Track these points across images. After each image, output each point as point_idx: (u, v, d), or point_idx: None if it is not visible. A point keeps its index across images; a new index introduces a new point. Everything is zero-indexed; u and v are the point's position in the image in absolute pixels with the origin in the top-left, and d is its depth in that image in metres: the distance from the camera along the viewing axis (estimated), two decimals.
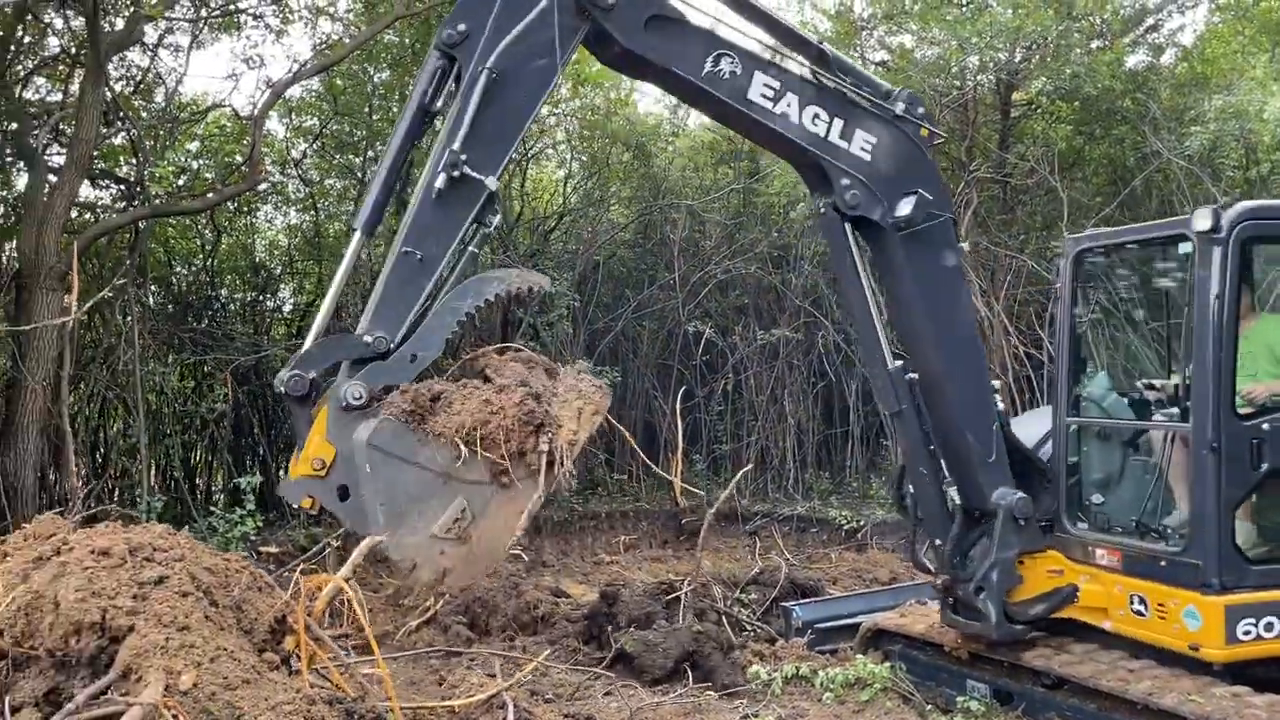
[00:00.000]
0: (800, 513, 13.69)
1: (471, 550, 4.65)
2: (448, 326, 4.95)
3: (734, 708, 6.80)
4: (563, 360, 15.22)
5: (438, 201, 4.97)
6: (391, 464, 4.54)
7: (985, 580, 6.14)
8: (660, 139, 16.51)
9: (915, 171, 6.06)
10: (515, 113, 5.23)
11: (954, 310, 6.27)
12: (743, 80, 5.65)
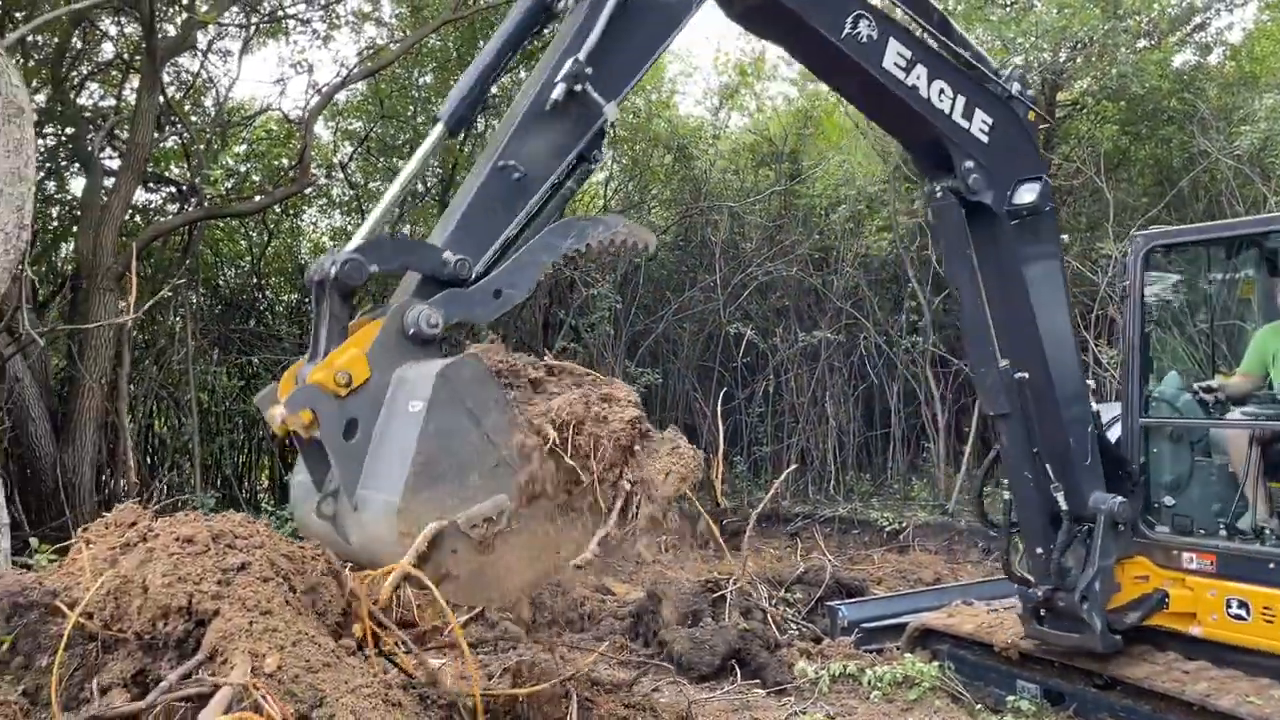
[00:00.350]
0: (841, 514, 13.66)
1: (486, 566, 3.60)
2: (541, 266, 4.16)
3: (782, 705, 6.82)
4: (604, 362, 15.46)
5: (550, 115, 4.21)
6: (455, 411, 3.57)
7: (1089, 589, 5.87)
8: (701, 141, 16.55)
9: (1027, 156, 5.77)
10: (650, 36, 4.55)
11: (1058, 304, 5.96)
12: (879, 45, 5.14)
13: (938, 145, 5.60)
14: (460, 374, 3.62)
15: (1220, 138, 12.27)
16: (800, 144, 16.42)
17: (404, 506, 3.46)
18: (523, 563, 3.71)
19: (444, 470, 3.56)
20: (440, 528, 3.55)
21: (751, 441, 16.10)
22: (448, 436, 3.57)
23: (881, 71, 5.18)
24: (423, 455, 3.50)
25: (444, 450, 3.56)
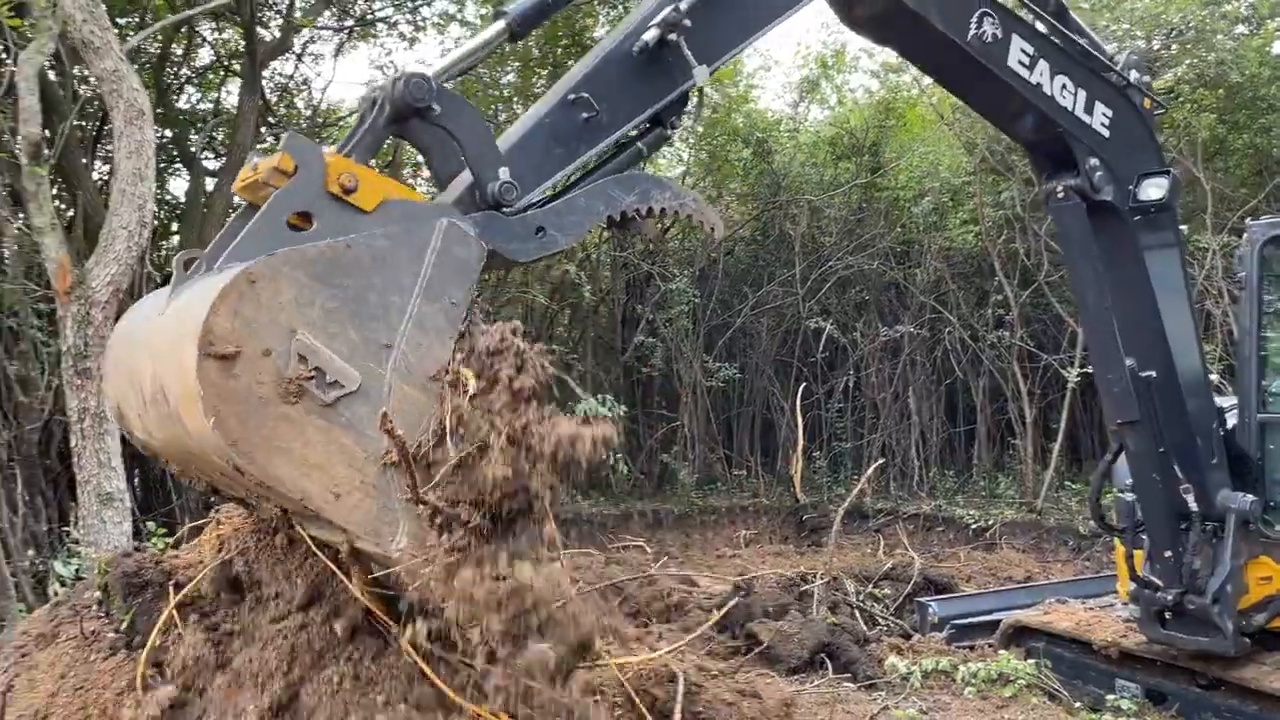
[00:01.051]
0: (925, 511, 13.53)
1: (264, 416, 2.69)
2: (596, 215, 3.66)
3: (873, 699, 6.81)
4: (681, 356, 15.54)
5: (636, 60, 3.77)
6: (410, 261, 2.98)
7: (1221, 592, 5.67)
8: (780, 134, 16.49)
9: (1147, 149, 5.53)
10: (758, 13, 4.19)
11: (1179, 300, 5.78)
12: (1004, 44, 4.88)
13: (1060, 143, 5.36)
14: (450, 235, 3.07)
15: None
16: (881, 136, 16.27)
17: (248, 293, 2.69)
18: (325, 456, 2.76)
19: (366, 311, 2.87)
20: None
21: (831, 437, 16.03)
22: (390, 279, 2.93)
23: (1006, 71, 4.93)
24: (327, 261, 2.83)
25: (376, 295, 2.89)
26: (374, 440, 2.77)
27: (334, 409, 2.75)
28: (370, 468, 2.76)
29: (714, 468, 16.09)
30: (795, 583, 8.86)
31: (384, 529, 2.77)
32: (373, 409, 2.79)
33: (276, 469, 2.66)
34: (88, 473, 6.23)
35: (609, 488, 15.18)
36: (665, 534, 13.94)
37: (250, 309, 2.68)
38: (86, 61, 6.74)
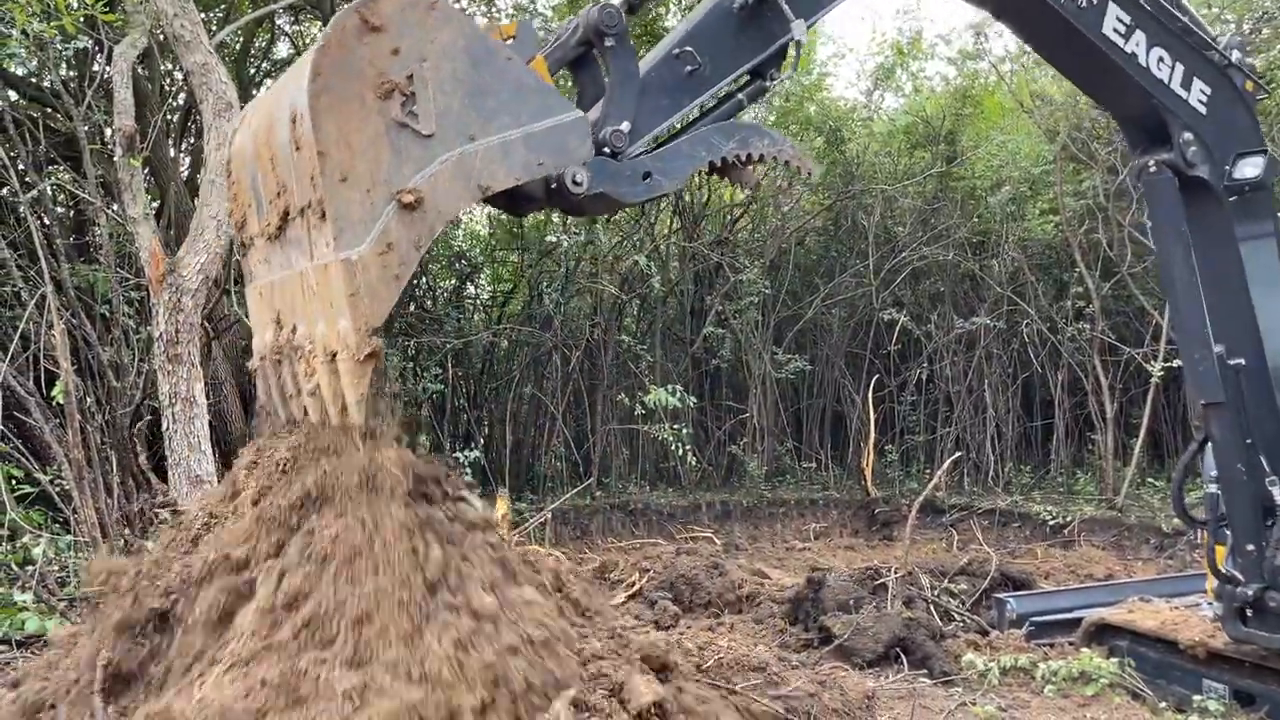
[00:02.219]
0: (1001, 507, 13.28)
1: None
2: (698, 160, 4.00)
3: (950, 695, 6.73)
4: (750, 348, 15.46)
5: (737, 16, 4.09)
6: (533, 111, 3.36)
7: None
8: (853, 124, 16.28)
9: (1246, 129, 5.50)
10: None
11: (1275, 286, 5.61)
12: (1100, 9, 5.00)
13: (1154, 116, 5.37)
14: (575, 134, 3.46)
15: None
16: (958, 125, 15.96)
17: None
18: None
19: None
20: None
21: (903, 430, 15.82)
22: (514, 97, 3.32)
23: (1101, 38, 4.99)
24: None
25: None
26: (404, 174, 3.07)
27: (396, 129, 3.08)
28: (380, 183, 3.04)
29: (783, 460, 16.00)
30: (868, 576, 8.76)
31: (356, 228, 3.00)
32: (422, 156, 3.12)
33: (324, 123, 2.97)
34: (179, 455, 6.43)
35: (677, 479, 15.20)
36: (733, 526, 13.92)
37: (415, 15, 3.11)
38: (178, 55, 6.93)
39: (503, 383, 15.07)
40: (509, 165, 3.28)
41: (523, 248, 15.09)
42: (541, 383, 14.73)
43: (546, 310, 14.66)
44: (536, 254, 14.91)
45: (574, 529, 12.74)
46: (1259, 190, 5.47)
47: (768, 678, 4.46)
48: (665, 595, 9.28)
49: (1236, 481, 5.72)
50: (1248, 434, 5.61)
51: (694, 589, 9.41)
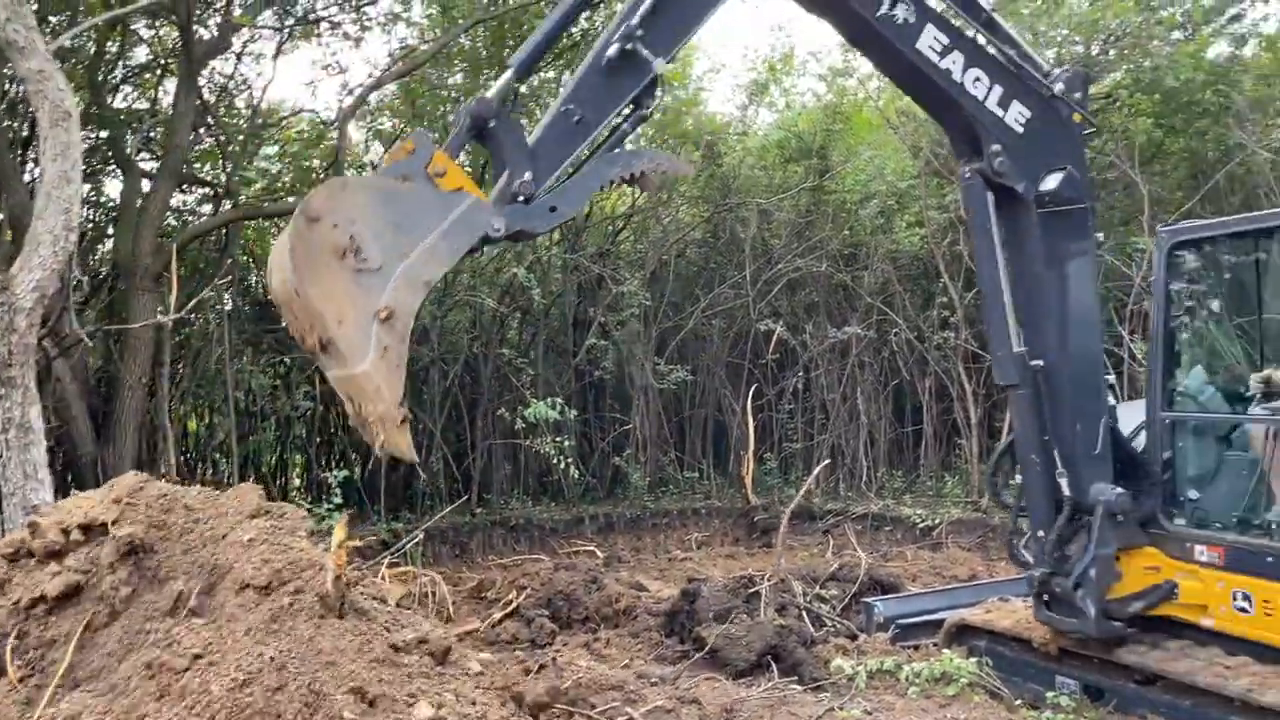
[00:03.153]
0: (874, 511, 13.62)
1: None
2: (590, 189, 5.16)
3: (819, 700, 6.81)
4: (633, 359, 15.51)
5: (606, 70, 5.07)
6: (440, 217, 4.68)
7: (1083, 577, 6.08)
8: (729, 138, 16.53)
9: (1064, 151, 6.04)
10: (696, 6, 5.37)
11: (1081, 296, 6.14)
12: (915, 28, 5.69)
13: (970, 129, 5.96)
14: (473, 215, 4.73)
15: (1256, 130, 12.13)
16: (829, 140, 16.37)
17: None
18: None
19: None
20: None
21: (782, 439, 16.09)
22: (422, 214, 4.64)
23: (915, 52, 5.69)
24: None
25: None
26: (374, 300, 4.39)
27: (358, 274, 4.41)
28: (365, 315, 4.37)
29: (666, 470, 16.08)
30: (743, 585, 8.84)
31: (359, 353, 4.36)
32: (380, 284, 4.45)
33: (310, 291, 4.31)
34: (14, 484, 6.04)
35: (560, 493, 15.11)
36: (617, 537, 13.90)
37: (336, 196, 4.46)
38: (11, 61, 6.55)
39: None
40: (438, 260, 4.66)
41: None
42: (419, 398, 14.44)
43: (423, 323, 14.40)
44: None
45: (453, 547, 12.52)
46: (1073, 207, 5.97)
47: (625, 696, 4.43)
48: (542, 612, 9.18)
49: (1032, 472, 6.30)
50: (1045, 430, 6.12)
51: (572, 605, 9.34)
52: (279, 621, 3.22)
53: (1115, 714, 6.24)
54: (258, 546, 3.54)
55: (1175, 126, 13.64)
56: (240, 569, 3.44)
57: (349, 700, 3.02)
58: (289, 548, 3.57)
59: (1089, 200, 6.15)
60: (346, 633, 3.28)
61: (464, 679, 3.40)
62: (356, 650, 3.19)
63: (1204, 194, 13.11)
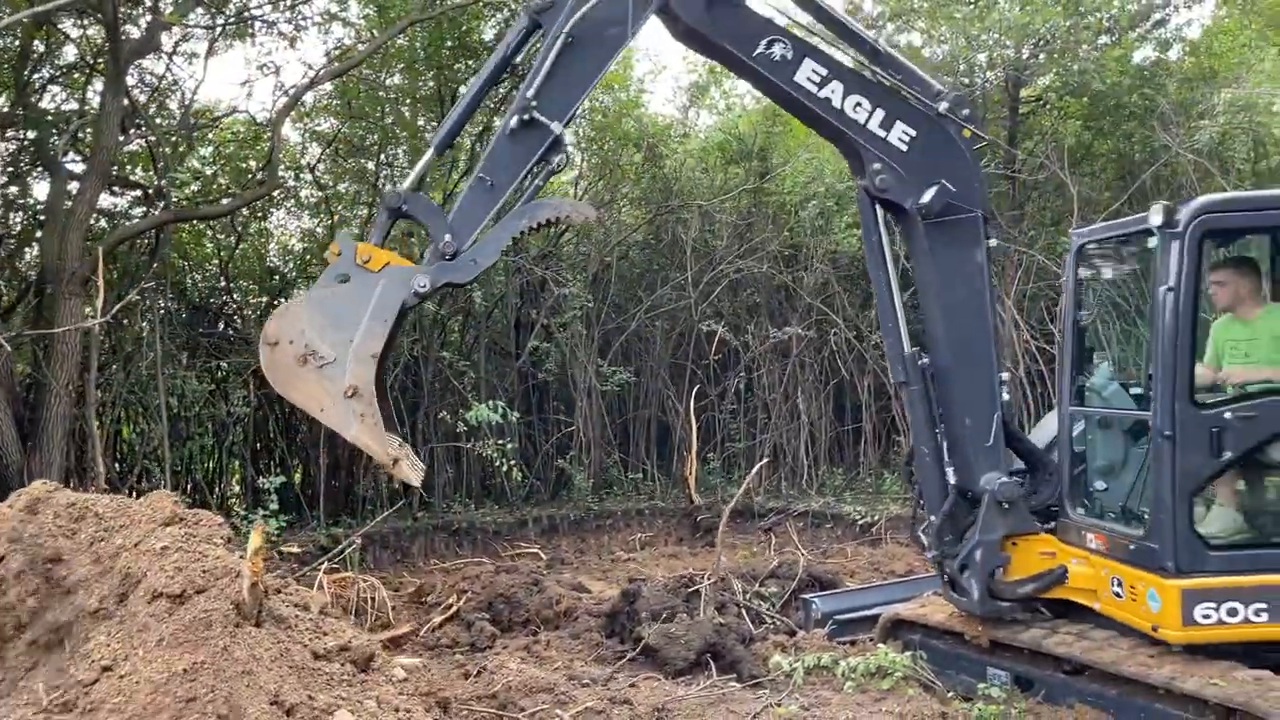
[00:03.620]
0: (815, 508, 13.75)
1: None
2: (503, 241, 5.99)
3: (757, 697, 6.87)
4: (576, 361, 15.50)
5: (510, 138, 5.94)
6: (365, 300, 5.71)
7: (969, 559, 6.47)
8: (670, 140, 16.59)
9: (949, 166, 6.35)
10: (585, 72, 6.06)
11: (969, 300, 6.47)
12: (793, 64, 6.19)
13: (854, 148, 6.42)
14: (393, 287, 5.74)
15: (1180, 132, 12.47)
16: (769, 142, 16.50)
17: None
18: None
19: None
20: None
21: (725, 438, 16.18)
22: (352, 304, 5.71)
23: (793, 85, 6.23)
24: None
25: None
26: (340, 385, 5.53)
27: (321, 369, 5.55)
28: (338, 398, 5.52)
29: (610, 472, 16.08)
30: (683, 584, 8.88)
31: (348, 422, 5.54)
32: (340, 371, 5.56)
33: (294, 395, 5.65)
34: None
35: (503, 495, 15.04)
36: (561, 540, 13.87)
37: (283, 320, 5.69)
38: None
39: None
40: (375, 334, 5.64)
41: None
42: None
43: None
44: None
45: (394, 552, 12.38)
46: (958, 218, 6.32)
47: (555, 698, 4.42)
48: (483, 616, 9.13)
49: (923, 462, 6.72)
50: (935, 423, 6.56)
51: (512, 607, 9.31)
52: (192, 631, 3.16)
53: (1044, 704, 6.35)
54: (171, 554, 3.48)
55: (1103, 129, 14.00)
56: (153, 578, 3.38)
57: (265, 709, 2.98)
58: (204, 555, 3.51)
59: (979, 209, 6.41)
60: (264, 641, 3.24)
61: (387, 686, 3.37)
62: (274, 658, 3.15)
63: (1130, 194, 13.44)
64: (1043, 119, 14.40)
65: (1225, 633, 5.68)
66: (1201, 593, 5.62)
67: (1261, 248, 6.45)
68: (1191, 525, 5.71)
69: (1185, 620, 5.65)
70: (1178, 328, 5.69)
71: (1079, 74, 12.59)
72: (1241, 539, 5.88)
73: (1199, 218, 5.72)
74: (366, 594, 9.25)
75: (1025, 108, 14.47)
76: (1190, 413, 5.69)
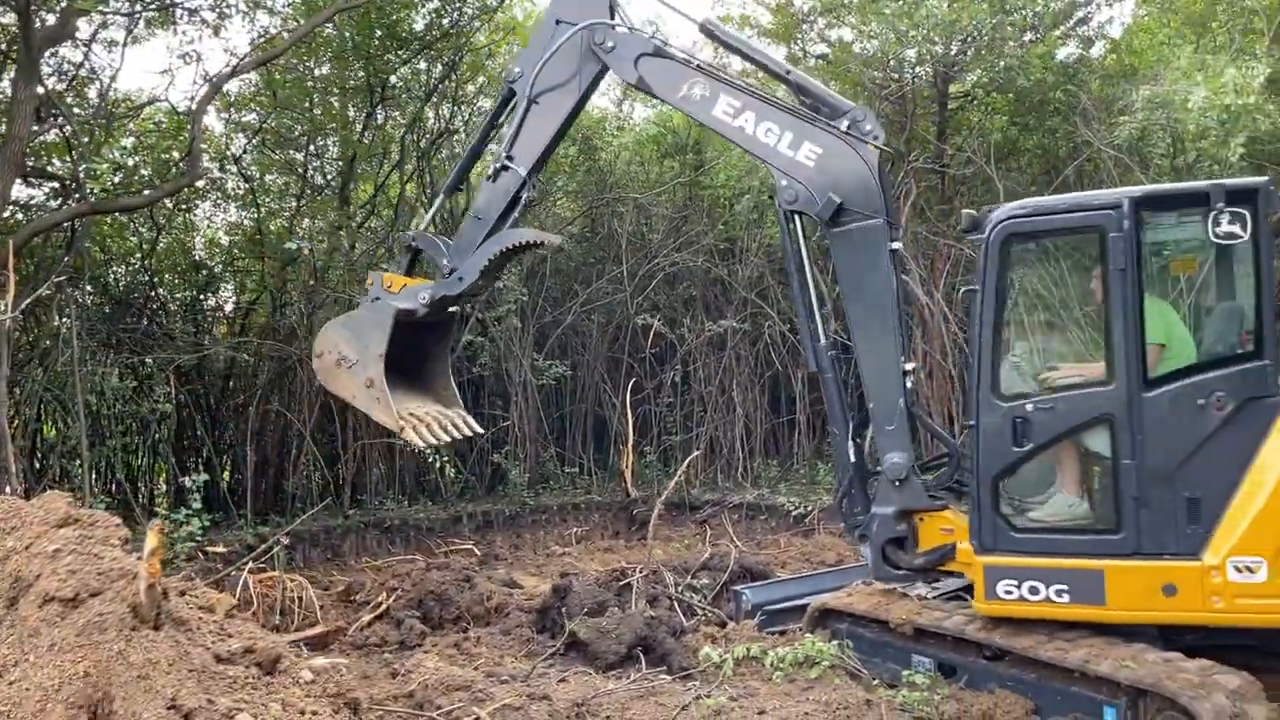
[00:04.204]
0: (749, 500, 13.85)
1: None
2: (480, 262, 7.71)
3: (687, 689, 6.89)
4: (511, 355, 15.39)
5: (490, 182, 7.86)
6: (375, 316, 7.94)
7: (866, 529, 7.12)
8: (605, 133, 16.54)
9: (851, 178, 7.01)
10: (546, 127, 7.77)
11: (874, 298, 7.05)
12: (710, 101, 7.27)
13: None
14: (386, 304, 7.94)
15: (1101, 128, 12.74)
16: (703, 135, 16.52)
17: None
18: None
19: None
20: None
21: (661, 431, 16.20)
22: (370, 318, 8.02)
23: (712, 119, 7.34)
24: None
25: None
26: (361, 379, 7.69)
27: (350, 370, 7.79)
28: (361, 389, 7.71)
29: (546, 466, 16.00)
30: (615, 578, 8.88)
31: (371, 404, 7.70)
32: (361, 370, 7.71)
33: (334, 388, 8.04)
34: None
35: (438, 491, 14.89)
36: (496, 535, 13.78)
37: (324, 337, 8.07)
38: None
39: (246, 399, 14.25)
40: (377, 339, 7.74)
41: (263, 256, 14.32)
42: (288, 398, 14.02)
43: (290, 321, 14.00)
44: (279, 262, 14.18)
45: (324, 550, 12.19)
46: (861, 224, 6.98)
47: (473, 696, 4.38)
48: (413, 614, 9.04)
49: (836, 440, 7.50)
50: (845, 408, 7.35)
51: (443, 605, 9.22)
52: (86, 635, 3.06)
53: (966, 690, 6.48)
54: (64, 557, 3.36)
55: (1028, 124, 14.25)
56: (45, 581, 3.26)
57: (162, 714, 2.89)
58: (99, 557, 3.40)
59: (880, 216, 6.97)
60: (162, 644, 3.15)
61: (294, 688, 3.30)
62: (171, 662, 3.06)
63: (1055, 189, 13.71)
64: (971, 114, 14.63)
65: (1027, 609, 6.17)
66: (1003, 570, 6.20)
67: (1061, 249, 6.97)
68: (997, 507, 6.28)
69: (988, 594, 6.26)
70: (982, 325, 6.29)
71: (1004, 71, 12.80)
72: (1051, 524, 6.36)
73: (1001, 224, 6.25)
74: (294, 593, 9.10)
75: (954, 103, 14.68)
76: (994, 404, 6.25)
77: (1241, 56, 11.78)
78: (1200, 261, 6.75)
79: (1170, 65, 12.57)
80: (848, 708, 6.21)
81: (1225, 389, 5.80)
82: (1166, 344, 6.23)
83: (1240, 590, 5.66)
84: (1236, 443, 5.75)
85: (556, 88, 7.62)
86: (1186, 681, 5.47)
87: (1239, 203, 5.80)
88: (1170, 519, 5.87)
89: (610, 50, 7.49)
